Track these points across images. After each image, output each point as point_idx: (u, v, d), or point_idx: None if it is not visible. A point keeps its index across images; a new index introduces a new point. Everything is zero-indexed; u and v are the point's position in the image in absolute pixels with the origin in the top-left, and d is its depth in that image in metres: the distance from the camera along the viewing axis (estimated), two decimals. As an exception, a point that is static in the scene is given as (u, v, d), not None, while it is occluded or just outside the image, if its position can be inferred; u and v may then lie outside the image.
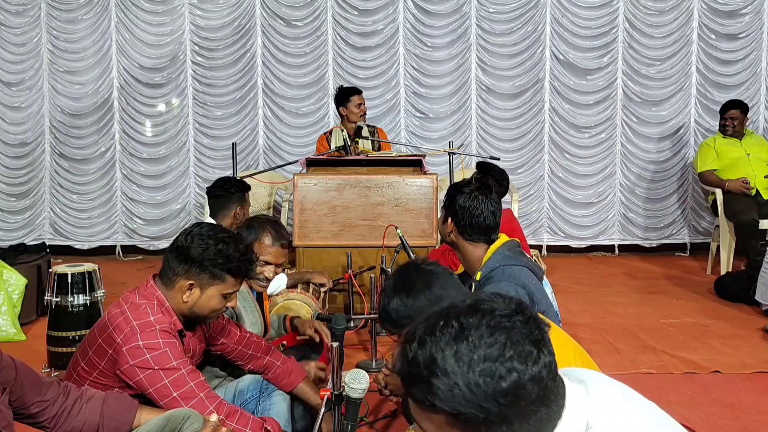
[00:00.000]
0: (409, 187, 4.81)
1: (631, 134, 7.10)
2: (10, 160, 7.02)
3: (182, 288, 2.30)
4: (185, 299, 2.31)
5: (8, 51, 6.93)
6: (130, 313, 2.25)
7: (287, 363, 2.75)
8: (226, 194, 4.22)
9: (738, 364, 3.98)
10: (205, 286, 2.30)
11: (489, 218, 2.73)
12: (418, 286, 2.17)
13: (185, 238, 2.32)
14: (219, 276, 2.30)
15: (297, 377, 2.73)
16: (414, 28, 6.98)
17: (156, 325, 2.23)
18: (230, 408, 2.29)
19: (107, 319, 2.29)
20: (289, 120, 7.05)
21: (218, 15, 6.95)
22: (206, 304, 2.33)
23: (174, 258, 2.32)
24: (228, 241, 2.32)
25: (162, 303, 2.30)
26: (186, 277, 2.29)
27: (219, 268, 2.29)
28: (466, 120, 7.08)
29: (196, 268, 2.29)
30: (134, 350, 2.20)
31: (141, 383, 2.21)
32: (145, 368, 2.20)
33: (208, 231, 2.33)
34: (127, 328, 2.22)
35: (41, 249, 5.44)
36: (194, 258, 2.28)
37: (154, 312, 2.27)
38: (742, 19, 7.01)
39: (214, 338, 2.64)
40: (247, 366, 2.73)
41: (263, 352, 2.72)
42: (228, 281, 2.32)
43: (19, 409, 1.90)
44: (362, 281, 4.55)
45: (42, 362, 3.72)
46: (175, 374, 2.21)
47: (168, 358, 2.21)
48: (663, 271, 6.39)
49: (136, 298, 2.31)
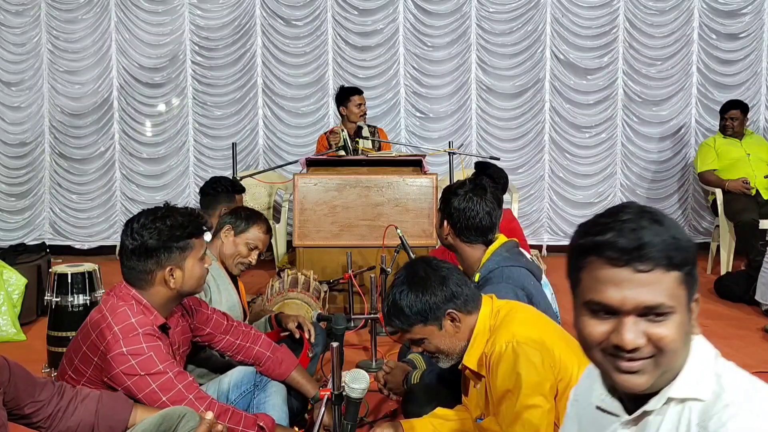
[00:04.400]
0: (409, 187, 4.81)
1: (631, 134, 7.10)
2: (9, 160, 7.02)
3: (163, 278, 2.28)
4: (172, 285, 2.29)
5: (8, 51, 6.93)
6: (111, 318, 2.23)
7: (277, 352, 2.71)
8: (213, 193, 4.18)
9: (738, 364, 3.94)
10: (181, 262, 2.30)
11: (485, 219, 2.73)
12: (433, 282, 2.17)
13: (132, 237, 2.28)
14: (186, 246, 2.31)
15: (288, 367, 2.70)
16: (414, 28, 6.98)
17: (138, 329, 2.21)
18: (221, 407, 2.29)
19: (89, 326, 2.27)
20: (289, 120, 7.05)
21: (218, 15, 6.95)
22: (191, 276, 2.33)
23: (136, 261, 2.28)
24: (167, 214, 2.32)
25: (139, 301, 2.28)
26: (161, 267, 2.28)
27: (182, 240, 2.29)
28: (466, 120, 7.07)
29: (164, 254, 2.27)
30: (119, 357, 2.18)
31: (129, 389, 2.19)
32: (131, 374, 2.18)
33: (144, 220, 2.30)
34: (110, 335, 2.20)
35: (41, 249, 5.44)
36: (155, 247, 2.26)
37: (134, 312, 2.25)
38: (743, 18, 7.01)
39: (200, 329, 2.61)
40: (237, 357, 2.70)
41: (252, 342, 2.69)
42: (195, 244, 2.33)
43: (14, 410, 1.89)
44: (362, 281, 4.55)
45: (42, 362, 3.71)
46: (162, 378, 2.20)
47: (153, 363, 2.19)
48: (663, 271, 6.38)
49: (115, 301, 2.28)
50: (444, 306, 2.17)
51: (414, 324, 2.18)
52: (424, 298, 2.15)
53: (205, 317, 2.63)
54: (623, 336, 1.21)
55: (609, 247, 1.22)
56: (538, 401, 2.07)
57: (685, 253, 1.23)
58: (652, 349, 1.22)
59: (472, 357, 2.21)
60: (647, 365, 1.23)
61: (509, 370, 2.09)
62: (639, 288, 1.20)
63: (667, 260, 1.21)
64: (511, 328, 2.14)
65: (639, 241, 1.20)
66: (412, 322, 2.18)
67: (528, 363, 2.06)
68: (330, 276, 4.66)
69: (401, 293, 2.18)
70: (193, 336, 2.60)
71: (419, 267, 2.24)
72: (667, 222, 1.25)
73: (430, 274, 2.19)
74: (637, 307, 1.21)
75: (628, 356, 1.22)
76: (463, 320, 2.19)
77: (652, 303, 1.21)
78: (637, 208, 1.26)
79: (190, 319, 2.58)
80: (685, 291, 1.24)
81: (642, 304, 1.21)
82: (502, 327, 2.17)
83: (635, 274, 1.20)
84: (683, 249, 1.23)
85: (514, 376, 2.08)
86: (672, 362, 1.24)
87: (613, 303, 1.22)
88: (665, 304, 1.21)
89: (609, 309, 1.23)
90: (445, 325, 2.18)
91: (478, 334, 2.20)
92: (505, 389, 2.10)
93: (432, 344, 2.21)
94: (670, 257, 1.21)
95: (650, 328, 1.22)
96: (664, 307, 1.21)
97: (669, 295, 1.21)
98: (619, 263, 1.21)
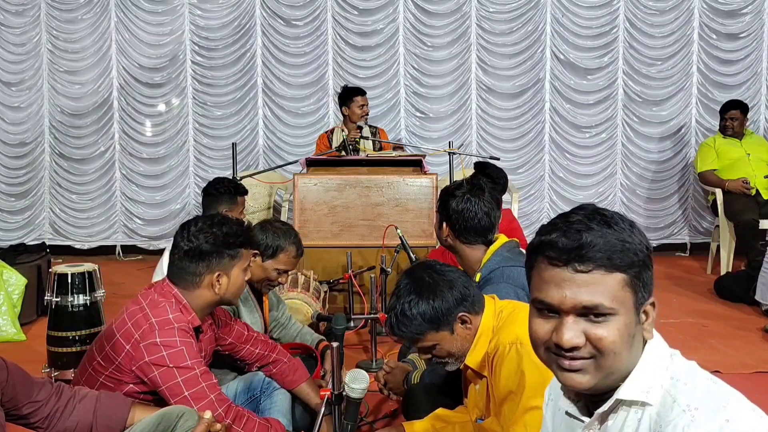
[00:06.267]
0: (409, 187, 4.81)
1: (631, 134, 7.10)
2: (9, 160, 7.02)
3: (210, 283, 2.37)
4: (217, 291, 2.38)
5: (8, 51, 6.93)
6: (149, 310, 2.30)
7: (293, 361, 2.79)
8: (216, 194, 4.18)
9: (738, 364, 3.98)
10: (228, 269, 2.40)
11: (484, 219, 2.72)
12: (442, 287, 2.15)
13: (188, 240, 2.37)
14: (236, 254, 2.41)
15: (300, 376, 2.77)
16: (414, 28, 6.98)
17: (174, 324, 2.28)
18: (238, 411, 2.31)
19: (125, 315, 2.32)
20: (289, 120, 7.05)
21: (218, 15, 6.95)
22: (235, 284, 2.42)
23: (188, 262, 2.37)
24: (223, 221, 2.43)
25: (179, 301, 2.35)
26: (211, 271, 2.37)
27: (234, 248, 2.40)
28: (467, 120, 7.07)
29: (215, 259, 2.37)
30: (151, 346, 2.24)
31: (154, 380, 2.24)
32: (159, 365, 2.23)
33: (202, 224, 2.40)
34: (146, 324, 2.27)
35: (41, 249, 5.44)
36: (209, 251, 2.36)
37: (173, 310, 2.32)
38: (743, 18, 7.01)
39: (223, 338, 2.68)
40: (255, 364, 2.77)
41: (270, 350, 2.77)
42: (244, 255, 2.45)
43: (11, 410, 1.89)
44: (362, 281, 4.55)
45: (42, 362, 3.71)
46: (188, 373, 2.24)
47: (183, 357, 2.24)
48: (663, 270, 6.38)
49: (155, 296, 2.35)
50: (455, 310, 2.14)
51: (426, 332, 2.15)
52: (435, 304, 2.12)
53: (229, 328, 2.70)
54: (561, 334, 1.23)
55: (551, 246, 1.24)
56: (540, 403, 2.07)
57: (633, 256, 1.23)
58: (592, 350, 1.23)
59: (475, 357, 2.20)
60: (588, 365, 1.24)
61: (512, 371, 2.08)
62: (578, 288, 1.22)
63: (608, 261, 1.22)
64: (515, 329, 2.13)
65: (578, 241, 1.22)
66: (425, 330, 2.14)
67: (531, 364, 2.05)
68: (330, 276, 4.66)
69: (410, 302, 2.12)
70: (217, 345, 2.66)
71: (424, 273, 2.20)
72: (619, 225, 1.26)
73: (437, 280, 2.16)
74: (575, 307, 1.23)
75: (568, 355, 1.24)
76: (473, 321, 2.18)
77: (589, 303, 1.22)
78: (592, 209, 1.28)
79: (217, 329, 2.64)
80: (631, 294, 1.24)
81: (580, 304, 1.22)
82: (505, 327, 2.16)
83: (575, 274, 1.22)
84: (630, 252, 1.23)
85: (517, 377, 2.07)
86: (615, 364, 1.24)
87: (554, 302, 1.24)
88: (603, 304, 1.22)
89: (551, 308, 1.25)
90: (456, 328, 2.16)
91: (482, 335, 2.19)
92: (507, 390, 2.10)
93: (444, 349, 2.18)
94: (612, 259, 1.22)
95: (590, 329, 1.23)
96: (603, 307, 1.22)
97: (609, 297, 1.22)
98: (559, 263, 1.23)
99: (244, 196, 4.33)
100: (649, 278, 1.26)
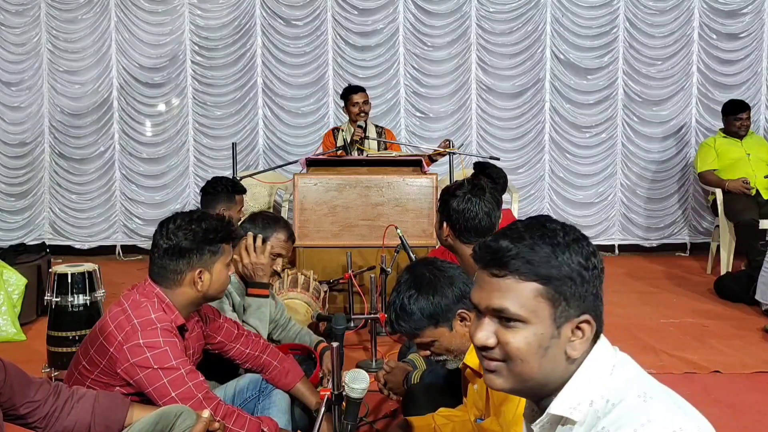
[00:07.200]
0: (409, 187, 4.81)
1: (631, 134, 7.10)
2: (9, 160, 7.02)
3: (192, 280, 2.34)
4: (200, 288, 2.35)
5: (8, 51, 6.93)
6: (131, 311, 2.27)
7: (285, 362, 2.75)
8: (213, 192, 4.19)
9: (738, 364, 3.98)
10: (210, 266, 2.37)
11: (484, 219, 2.72)
12: (442, 284, 2.16)
13: (167, 238, 2.35)
14: (217, 250, 2.38)
15: (294, 377, 2.74)
16: (414, 28, 6.98)
17: (157, 324, 2.25)
18: (227, 409, 2.29)
19: (108, 318, 2.30)
20: (289, 120, 7.05)
21: (218, 15, 6.95)
22: (218, 280, 2.40)
23: (168, 260, 2.34)
24: (202, 217, 2.41)
25: (162, 300, 2.33)
26: (192, 268, 2.34)
27: (214, 243, 2.37)
28: (467, 120, 7.07)
29: (195, 255, 2.34)
30: (135, 348, 2.21)
31: (140, 382, 2.22)
32: (144, 367, 2.21)
33: (180, 221, 2.38)
34: (128, 326, 2.24)
35: (41, 249, 5.44)
36: (189, 248, 2.33)
37: (155, 309, 2.29)
38: (743, 18, 7.01)
39: (212, 336, 2.64)
40: (246, 365, 2.73)
41: (261, 351, 2.73)
42: (225, 250, 2.42)
43: (9, 410, 1.89)
44: (362, 281, 4.54)
45: (42, 362, 3.72)
46: (174, 374, 2.21)
47: (168, 357, 2.22)
48: (663, 270, 6.38)
49: (137, 297, 2.33)
50: (455, 307, 2.16)
51: (425, 327, 2.17)
52: (435, 300, 2.14)
53: (217, 325, 2.66)
54: (475, 333, 1.28)
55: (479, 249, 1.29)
56: None
57: (555, 270, 1.24)
58: (501, 353, 1.26)
59: (474, 356, 2.20)
60: (501, 368, 1.27)
61: None
62: (491, 291, 1.26)
63: (524, 269, 1.23)
64: None
65: (496, 246, 1.25)
66: (423, 326, 2.16)
67: None
68: (330, 276, 4.66)
69: (410, 298, 2.15)
70: (206, 343, 2.63)
71: (424, 269, 2.22)
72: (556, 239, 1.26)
73: (438, 276, 2.18)
74: (488, 309, 1.27)
75: (485, 354, 1.28)
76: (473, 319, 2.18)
77: (498, 306, 1.25)
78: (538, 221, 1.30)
79: (204, 326, 2.61)
80: (547, 306, 1.24)
81: (490, 306, 1.26)
82: None
83: (491, 278, 1.26)
84: (553, 265, 1.24)
85: None
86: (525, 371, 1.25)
87: (474, 301, 1.30)
88: (509, 309, 1.24)
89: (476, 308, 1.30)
90: (456, 325, 2.17)
91: None
92: None
93: (442, 346, 2.19)
94: (528, 268, 1.23)
95: (500, 332, 1.26)
96: (509, 312, 1.24)
97: (518, 304, 1.24)
98: (480, 265, 1.28)
99: (242, 195, 4.34)
100: (579, 295, 1.25)
